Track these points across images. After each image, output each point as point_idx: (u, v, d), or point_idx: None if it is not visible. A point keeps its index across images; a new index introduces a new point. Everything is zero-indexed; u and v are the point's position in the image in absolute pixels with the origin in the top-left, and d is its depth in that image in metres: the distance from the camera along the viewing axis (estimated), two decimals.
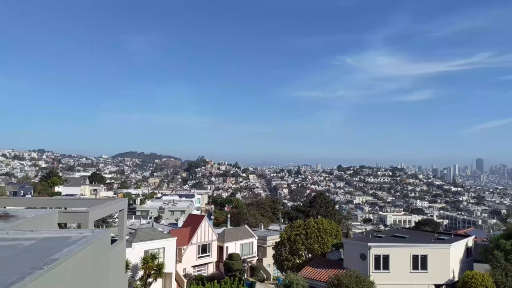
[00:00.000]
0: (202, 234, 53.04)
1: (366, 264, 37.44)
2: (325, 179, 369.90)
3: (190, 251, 51.68)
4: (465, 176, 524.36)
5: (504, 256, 37.67)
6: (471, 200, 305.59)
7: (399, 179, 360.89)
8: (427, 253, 38.10)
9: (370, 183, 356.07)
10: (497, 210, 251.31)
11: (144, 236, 44.38)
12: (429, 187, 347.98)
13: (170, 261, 44.92)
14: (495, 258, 37.79)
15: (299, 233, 44.96)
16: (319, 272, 39.48)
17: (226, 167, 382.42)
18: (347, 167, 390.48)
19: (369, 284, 33.67)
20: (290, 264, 44.53)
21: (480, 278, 35.23)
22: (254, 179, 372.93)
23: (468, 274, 36.34)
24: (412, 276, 37.60)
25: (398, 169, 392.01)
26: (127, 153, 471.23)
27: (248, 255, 57.91)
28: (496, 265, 37.50)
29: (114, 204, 15.06)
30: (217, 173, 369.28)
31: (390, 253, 37.83)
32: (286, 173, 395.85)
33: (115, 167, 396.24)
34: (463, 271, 38.28)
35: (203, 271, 52.89)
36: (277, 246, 47.36)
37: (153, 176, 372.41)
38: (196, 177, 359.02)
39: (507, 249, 37.83)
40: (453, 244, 39.57)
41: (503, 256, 37.67)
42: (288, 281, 35.61)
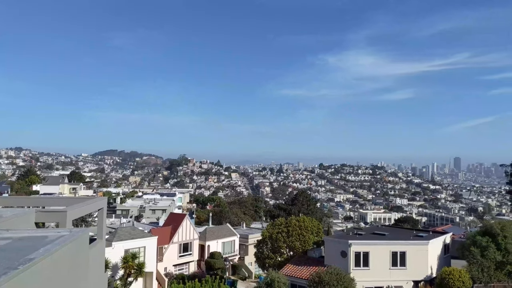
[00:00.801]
0: (183, 233, 52.75)
1: (346, 261, 37.86)
2: (307, 177, 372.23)
3: (171, 250, 51.35)
4: (443, 174, 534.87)
5: (480, 252, 38.60)
6: (449, 198, 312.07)
7: (379, 177, 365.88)
8: (406, 250, 38.75)
9: (351, 181, 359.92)
10: (474, 208, 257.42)
11: (124, 235, 43.88)
12: (408, 185, 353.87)
13: (151, 260, 44.53)
14: (472, 255, 38.70)
15: (280, 231, 45.13)
16: (300, 269, 39.75)
17: (208, 166, 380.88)
18: (329, 165, 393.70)
19: (349, 281, 34.04)
20: (271, 262, 44.68)
21: (457, 274, 36.05)
22: (236, 178, 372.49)
23: (446, 270, 37.14)
24: (391, 273, 38.19)
25: (378, 168, 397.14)
26: (107, 151, 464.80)
27: (230, 254, 57.86)
28: (473, 261, 38.41)
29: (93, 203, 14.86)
30: (199, 172, 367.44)
31: (370, 250, 38.34)
32: (268, 172, 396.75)
33: (95, 165, 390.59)
34: (441, 267, 39.08)
35: (184, 270, 52.63)
36: (259, 244, 47.45)
37: (134, 174, 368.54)
38: (178, 176, 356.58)
39: (483, 245, 38.76)
40: (431, 241, 40.31)
41: (479, 252, 38.60)
42: (269, 279, 35.71)
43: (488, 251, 38.34)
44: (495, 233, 39.46)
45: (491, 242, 38.88)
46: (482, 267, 37.72)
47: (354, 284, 34.48)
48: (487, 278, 37.35)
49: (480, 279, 37.18)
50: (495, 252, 38.37)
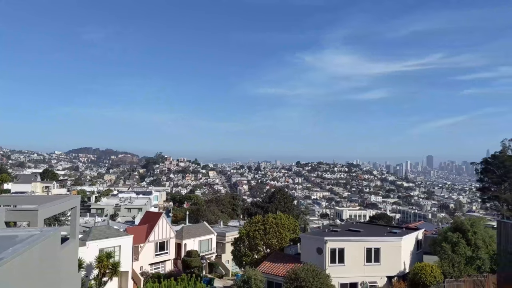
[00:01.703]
0: (159, 231, 52.30)
1: (322, 258, 38.30)
2: (284, 175, 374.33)
3: (147, 249, 50.87)
4: (416, 172, 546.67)
5: (451, 248, 39.70)
6: (421, 195, 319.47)
7: (354, 175, 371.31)
8: (380, 246, 39.48)
9: (327, 179, 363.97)
10: (446, 204, 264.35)
11: (99, 234, 43.19)
12: (383, 182, 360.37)
13: (127, 260, 43.98)
14: (443, 250, 39.76)
15: (258, 228, 45.27)
16: (277, 266, 39.99)
17: (185, 164, 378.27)
18: (306, 163, 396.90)
19: (325, 277, 34.46)
20: (248, 260, 44.78)
21: (429, 269, 36.98)
22: (214, 176, 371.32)
23: (418, 265, 38.04)
24: (366, 269, 38.86)
25: (354, 165, 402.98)
26: (82, 149, 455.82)
27: (207, 252, 57.75)
28: (444, 256, 39.47)
29: (66, 202, 14.53)
30: (176, 170, 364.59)
31: (345, 246, 38.89)
32: (246, 170, 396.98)
33: (68, 163, 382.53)
34: (414, 263, 39.99)
35: (160, 269, 52.21)
36: (236, 242, 47.49)
37: (109, 172, 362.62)
38: (154, 174, 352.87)
39: (454, 241, 39.88)
40: (404, 237, 41.20)
41: (450, 248, 39.70)
42: (246, 276, 35.81)
43: (459, 247, 39.47)
44: (465, 229, 40.66)
45: (462, 238, 40.05)
46: (453, 262, 38.80)
47: (329, 281, 34.91)
48: (457, 272, 38.44)
49: (451, 273, 38.24)
50: (465, 248, 39.54)
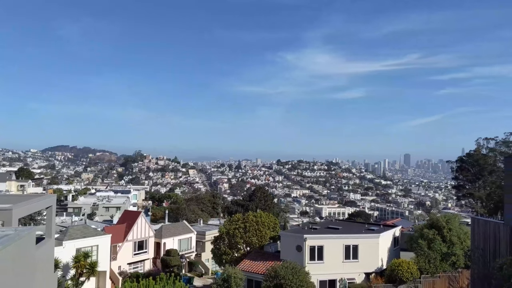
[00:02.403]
0: (138, 230, 51.79)
1: (302, 255, 38.59)
2: (264, 173, 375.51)
3: (126, 248, 50.32)
4: (394, 170, 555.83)
5: (427, 244, 40.54)
6: (399, 193, 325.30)
7: (334, 173, 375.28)
8: (358, 243, 40.03)
9: (307, 177, 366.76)
10: (422, 202, 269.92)
11: (76, 233, 42.47)
12: (361, 180, 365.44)
13: (104, 259, 43.41)
14: (419, 247, 40.57)
15: (238, 227, 45.28)
16: (257, 264, 40.11)
17: (164, 162, 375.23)
18: (286, 161, 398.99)
19: (304, 275, 34.72)
20: (228, 258, 44.76)
21: (406, 266, 37.71)
22: (194, 174, 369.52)
23: (395, 262, 38.74)
24: (344, 265, 39.34)
25: (333, 164, 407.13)
26: (58, 146, 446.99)
27: (187, 251, 57.47)
28: (420, 253, 40.28)
29: (41, 201, 14.26)
30: (155, 168, 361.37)
31: (324, 244, 39.29)
32: (226, 168, 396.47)
33: (44, 161, 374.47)
34: (391, 259, 40.71)
35: (139, 268, 51.70)
36: (216, 241, 47.41)
37: (87, 171, 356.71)
38: (133, 172, 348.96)
39: (429, 238, 40.73)
40: (382, 234, 41.88)
41: (426, 244, 40.54)
42: (226, 274, 35.79)
43: (435, 243, 40.33)
44: (441, 226, 41.57)
45: (437, 234, 40.93)
46: (429, 259, 39.64)
47: (309, 278, 35.20)
48: (433, 268, 39.30)
49: (427, 270, 39.08)
50: (441, 244, 40.43)
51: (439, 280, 38.16)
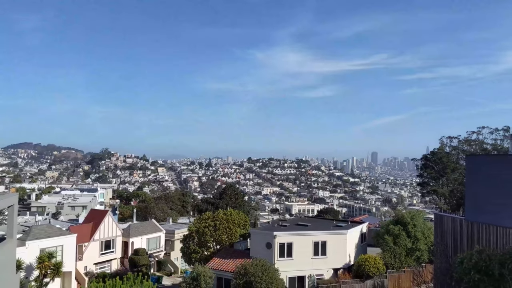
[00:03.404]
0: (105, 229, 50.81)
1: (271, 252, 38.84)
2: (235, 171, 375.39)
3: (92, 248, 49.28)
4: (361, 167, 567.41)
5: (393, 240, 41.64)
6: (366, 190, 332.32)
7: (303, 170, 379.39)
8: (326, 239, 40.65)
9: (277, 174, 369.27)
10: (389, 199, 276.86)
11: (39, 233, 41.28)
12: (330, 178, 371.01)
13: (70, 259, 42.42)
14: (385, 242, 41.63)
15: (207, 225, 45.11)
16: (227, 262, 40.09)
17: (133, 160, 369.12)
18: (257, 159, 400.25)
19: (274, 272, 34.95)
20: (198, 257, 44.55)
21: (373, 261, 38.63)
22: (163, 172, 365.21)
23: (362, 257, 39.61)
24: (313, 262, 39.87)
25: (303, 161, 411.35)
26: (21, 144, 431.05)
27: (155, 250, 56.85)
28: (386, 248, 41.34)
29: (2, 200, 13.73)
30: (123, 166, 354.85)
31: (294, 241, 39.68)
32: (197, 166, 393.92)
33: (6, 159, 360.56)
34: (358, 255, 41.59)
35: (106, 268, 50.75)
36: (185, 239, 47.08)
37: (51, 169, 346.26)
38: (100, 171, 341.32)
39: (395, 233, 41.85)
40: (350, 230, 42.69)
41: (392, 240, 41.64)
42: (195, 273, 35.60)
43: (400, 239, 41.48)
44: (406, 222, 42.77)
45: (403, 230, 42.10)
46: (394, 254, 40.75)
47: (278, 274, 35.46)
48: (398, 263, 40.44)
49: (393, 265, 40.17)
50: (406, 240, 41.62)
51: (404, 275, 39.32)
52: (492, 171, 20.16)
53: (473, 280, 14.87)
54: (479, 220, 20.15)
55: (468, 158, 27.63)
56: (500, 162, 21.24)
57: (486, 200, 20.14)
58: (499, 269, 14.04)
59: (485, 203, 20.18)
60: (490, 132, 57.67)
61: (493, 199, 19.56)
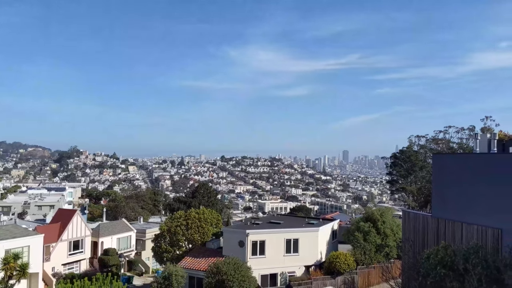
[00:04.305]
0: (73, 229, 49.65)
1: (244, 251, 38.90)
2: (208, 169, 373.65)
3: (60, 249, 48.06)
4: (333, 166, 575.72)
5: (363, 237, 42.48)
6: (338, 188, 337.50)
7: (277, 169, 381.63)
8: (298, 237, 41.04)
9: (251, 172, 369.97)
10: (359, 196, 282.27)
11: (4, 234, 40.00)
12: (303, 176, 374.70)
13: (37, 260, 41.26)
14: (356, 239, 42.42)
15: (179, 224, 44.75)
16: (199, 261, 39.90)
17: (103, 158, 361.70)
18: (230, 157, 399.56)
19: (246, 270, 35.03)
20: (170, 256, 44.16)
21: (343, 258, 39.28)
22: (134, 171, 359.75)
23: (333, 254, 40.21)
24: (285, 259, 40.19)
25: (276, 160, 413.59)
26: None
27: (126, 249, 55.99)
28: (357, 245, 42.13)
29: None
30: (92, 165, 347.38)
31: (266, 239, 39.87)
32: (169, 164, 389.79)
33: None
34: (330, 252, 42.19)
35: (75, 269, 49.62)
36: (157, 239, 46.58)
37: (17, 167, 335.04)
38: (68, 169, 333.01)
39: (365, 230, 42.71)
40: (321, 228, 43.25)
41: (362, 237, 42.47)
42: (167, 272, 35.25)
43: (370, 236, 42.37)
44: (375, 219, 43.73)
45: (372, 227, 43.02)
46: (364, 250, 41.57)
47: (250, 272, 35.55)
48: (368, 260, 41.29)
49: (363, 261, 40.98)
50: (376, 236, 42.56)
51: (373, 271, 40.18)
52: (457, 169, 20.83)
53: (439, 275, 15.33)
54: (445, 217, 20.78)
55: (435, 156, 28.50)
56: (465, 160, 21.97)
57: (451, 197, 20.79)
58: (463, 264, 14.52)
59: (450, 200, 20.84)
60: (457, 131, 59.56)
61: (458, 197, 20.22)
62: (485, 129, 49.41)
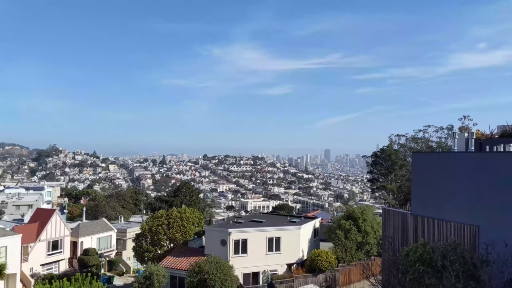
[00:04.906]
0: (52, 229, 48.78)
1: (226, 249, 38.87)
2: (191, 168, 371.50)
3: (38, 249, 47.17)
4: (315, 164, 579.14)
5: (344, 234, 42.95)
6: (319, 186, 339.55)
7: (259, 167, 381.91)
8: (280, 235, 41.22)
9: (233, 171, 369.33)
10: (341, 195, 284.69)
11: None
12: (285, 174, 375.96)
13: (14, 261, 40.55)
14: (337, 237, 42.86)
15: (161, 223, 44.42)
16: (180, 260, 39.68)
17: (82, 157, 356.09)
18: (212, 156, 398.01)
19: (228, 268, 35.02)
20: (151, 255, 43.79)
21: (325, 255, 39.65)
22: (115, 170, 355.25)
23: (315, 252, 40.55)
24: (267, 258, 40.32)
25: (258, 158, 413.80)
26: None
27: (106, 249, 55.29)
28: (338, 243, 42.57)
29: None
30: (72, 163, 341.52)
31: (249, 237, 39.92)
32: (150, 163, 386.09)
33: None
34: (311, 250, 42.52)
35: (54, 269, 48.78)
36: (138, 238, 46.12)
37: None
38: (47, 168, 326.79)
39: (346, 228, 43.19)
40: (303, 226, 43.52)
41: (344, 234, 42.93)
42: (148, 272, 34.96)
43: (351, 233, 42.87)
44: (356, 217, 44.24)
45: (353, 225, 43.54)
46: (345, 248, 42.05)
47: (233, 271, 35.56)
48: (349, 257, 41.78)
49: (344, 258, 41.44)
50: (356, 234, 43.07)
51: (354, 268, 40.66)
52: (436, 168, 21.20)
53: (418, 272, 15.58)
54: (424, 215, 21.12)
55: (414, 155, 28.93)
56: (444, 159, 22.37)
57: (430, 195, 21.15)
58: (441, 260, 14.78)
59: (429, 198, 21.20)
60: (435, 130, 60.68)
61: (436, 195, 20.59)
62: (463, 128, 50.41)
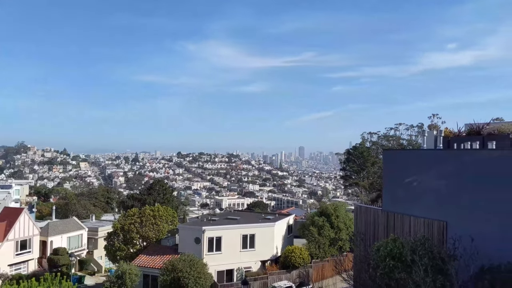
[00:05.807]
0: (20, 228, 47.35)
1: (200, 247, 38.71)
2: (164, 166, 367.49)
3: (6, 249, 45.73)
4: (290, 162, 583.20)
5: (318, 231, 43.45)
6: (294, 183, 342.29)
7: (234, 165, 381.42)
8: (255, 232, 41.35)
9: (208, 169, 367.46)
10: (314, 191, 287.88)
11: None
12: (260, 172, 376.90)
13: None
14: (311, 233, 43.32)
15: (133, 221, 43.84)
16: (154, 259, 39.26)
17: (52, 154, 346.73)
18: (187, 154, 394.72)
19: (202, 266, 34.88)
20: (123, 254, 43.15)
21: (298, 252, 40.02)
22: (86, 167, 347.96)
23: (289, 248, 40.86)
24: (241, 255, 40.38)
25: (233, 156, 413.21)
26: None
27: (77, 248, 54.13)
28: (311, 239, 43.03)
29: None
30: (41, 161, 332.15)
31: (223, 235, 39.87)
32: (122, 161, 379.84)
33: None
34: (285, 247, 42.82)
35: (22, 270, 47.40)
36: (110, 237, 45.37)
37: None
38: (15, 166, 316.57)
39: (320, 225, 43.70)
40: (277, 223, 43.79)
41: (317, 231, 43.42)
42: (120, 271, 34.43)
43: (324, 230, 43.41)
44: (329, 213, 44.83)
45: (327, 221, 44.10)
46: (319, 244, 42.55)
47: (207, 269, 35.44)
48: (322, 253, 42.30)
49: (317, 255, 41.93)
50: (329, 230, 43.65)
51: (327, 264, 41.21)
52: (406, 165, 21.70)
53: (388, 266, 15.93)
54: (394, 211, 21.59)
55: (385, 152, 29.52)
56: (413, 156, 22.92)
57: (400, 191, 21.65)
58: (411, 255, 15.15)
59: (400, 194, 21.69)
60: (406, 128, 62.25)
61: (406, 191, 21.08)
62: (432, 126, 51.81)
